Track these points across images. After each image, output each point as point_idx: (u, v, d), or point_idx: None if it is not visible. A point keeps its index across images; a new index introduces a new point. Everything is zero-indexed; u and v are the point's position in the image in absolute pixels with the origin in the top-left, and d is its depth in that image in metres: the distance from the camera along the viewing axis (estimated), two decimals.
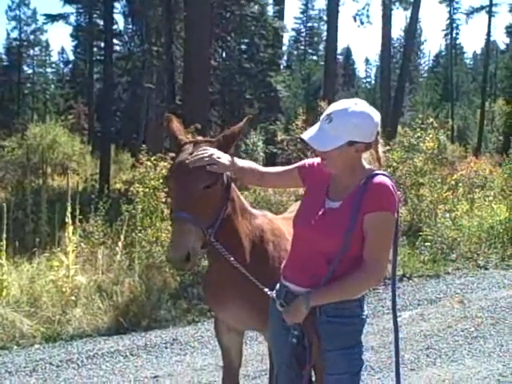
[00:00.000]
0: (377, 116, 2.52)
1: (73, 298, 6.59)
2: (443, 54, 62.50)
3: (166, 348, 5.76)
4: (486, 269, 8.64)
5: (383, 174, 2.53)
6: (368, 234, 2.45)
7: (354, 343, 2.58)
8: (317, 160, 2.72)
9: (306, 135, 2.51)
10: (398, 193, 2.55)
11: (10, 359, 5.58)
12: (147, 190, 8.35)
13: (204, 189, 2.70)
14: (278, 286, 2.74)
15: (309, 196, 2.72)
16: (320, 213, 2.56)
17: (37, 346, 5.92)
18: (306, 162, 2.80)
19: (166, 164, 8.60)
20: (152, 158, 8.67)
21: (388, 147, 10.70)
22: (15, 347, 5.89)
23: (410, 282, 7.98)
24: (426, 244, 8.96)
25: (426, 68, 68.51)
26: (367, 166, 2.58)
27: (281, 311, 2.63)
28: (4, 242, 6.88)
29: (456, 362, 5.20)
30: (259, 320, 2.95)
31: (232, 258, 2.79)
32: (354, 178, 2.53)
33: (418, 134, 10.97)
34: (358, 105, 2.49)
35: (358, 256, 2.47)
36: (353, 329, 2.58)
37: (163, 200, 8.41)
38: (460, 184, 11.57)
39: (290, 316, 2.55)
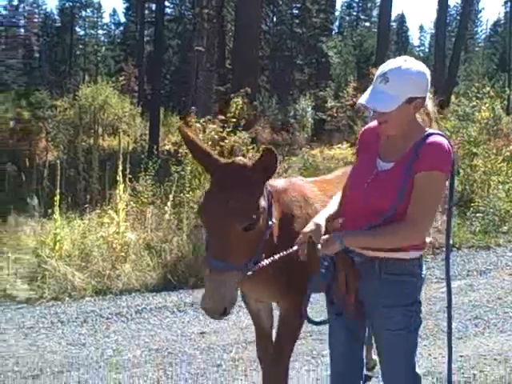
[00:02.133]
0: (427, 69, 2.52)
1: (122, 254, 6.74)
2: (501, 22, 60.25)
3: None
4: None
5: (438, 134, 2.50)
6: (416, 191, 2.42)
7: (413, 301, 2.57)
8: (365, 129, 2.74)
9: (364, 100, 2.47)
10: (455, 153, 2.50)
11: (63, 310, 5.76)
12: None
13: (244, 231, 2.43)
14: None
15: (360, 162, 2.71)
16: (372, 175, 2.54)
17: (87, 298, 6.10)
18: (357, 145, 2.80)
19: (215, 127, 8.62)
20: (201, 121, 8.68)
21: (441, 116, 10.46)
22: (67, 299, 6.08)
23: (460, 252, 7.85)
24: (478, 215, 8.78)
25: (483, 37, 66.29)
26: (421, 125, 2.56)
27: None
28: (57, 198, 7.05)
29: (505, 333, 5.11)
30: (282, 295, 2.98)
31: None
32: (409, 139, 2.50)
33: (474, 103, 10.67)
34: (408, 61, 2.49)
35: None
36: (412, 286, 2.57)
37: None
38: None
39: (324, 246, 2.52)
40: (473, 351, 4.71)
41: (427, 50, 64.36)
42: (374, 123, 2.71)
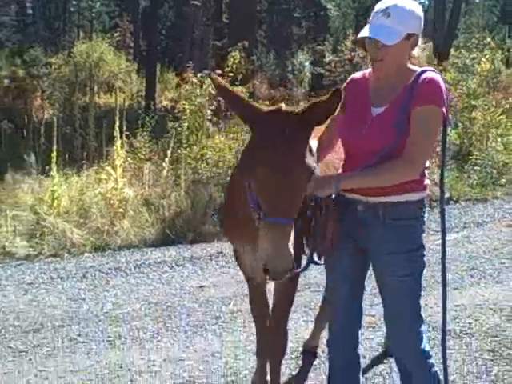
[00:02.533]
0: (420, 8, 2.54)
1: (121, 210, 6.75)
2: None
3: (211, 260, 5.89)
4: None
5: (432, 70, 2.53)
6: (413, 126, 2.43)
7: (418, 246, 2.59)
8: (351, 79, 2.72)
9: (365, 33, 2.47)
10: (447, 88, 2.52)
11: (62, 266, 5.81)
12: (193, 107, 8.32)
13: (307, 182, 2.28)
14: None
15: (350, 113, 2.61)
16: (369, 122, 2.53)
17: (87, 254, 6.14)
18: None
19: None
20: (198, 75, 8.59)
21: (441, 68, 10.34)
22: (66, 255, 6.12)
23: (457, 205, 7.88)
24: (476, 168, 8.78)
25: None
26: (412, 67, 2.56)
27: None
28: (55, 155, 7.03)
29: (501, 284, 5.16)
30: None
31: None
32: (402, 79, 2.51)
33: (474, 55, 10.55)
34: None
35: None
36: (416, 231, 2.59)
37: (209, 118, 8.40)
38: None
39: (316, 186, 2.42)
40: (469, 301, 4.76)
41: (427, 2, 63.33)
42: (358, 74, 2.73)
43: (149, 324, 4.47)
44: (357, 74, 2.74)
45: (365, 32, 2.48)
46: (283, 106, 2.29)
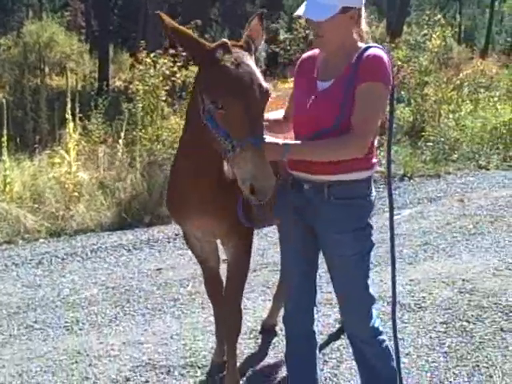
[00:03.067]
0: None
1: (75, 194, 6.65)
2: None
3: (169, 242, 5.87)
4: (487, 169, 8.67)
5: (377, 47, 2.51)
6: (358, 102, 2.42)
7: (364, 225, 2.60)
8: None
9: (300, 11, 2.47)
10: (395, 64, 2.54)
11: (16, 253, 5.70)
12: (147, 87, 8.22)
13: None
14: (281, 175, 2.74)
15: (298, 87, 2.68)
16: (313, 96, 2.54)
17: (41, 240, 6.04)
18: (294, 72, 2.77)
19: (165, 61, 8.43)
20: (151, 56, 8.47)
21: (393, 45, 10.45)
22: (20, 241, 6.01)
23: (411, 181, 8.02)
24: (428, 144, 8.94)
25: None
26: (359, 44, 2.55)
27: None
28: (5, 139, 6.86)
29: (453, 257, 5.30)
30: (228, 230, 2.89)
31: None
32: (346, 55, 2.50)
33: (425, 32, 10.68)
34: None
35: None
36: (362, 210, 2.60)
37: (163, 98, 8.31)
38: (465, 84, 11.37)
39: (267, 150, 2.36)
40: (422, 275, 4.87)
41: None
42: (309, 52, 2.73)
43: (107, 308, 4.44)
44: (308, 53, 2.75)
45: (300, 10, 2.48)
46: (225, 40, 2.41)
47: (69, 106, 7.11)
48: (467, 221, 6.31)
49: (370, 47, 2.49)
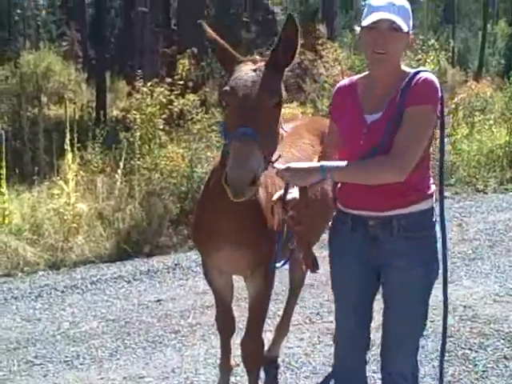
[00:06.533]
0: None
1: (74, 225, 6.64)
2: None
3: (169, 273, 5.86)
4: (485, 193, 8.70)
5: (427, 71, 2.48)
6: (404, 125, 2.37)
7: (433, 258, 2.56)
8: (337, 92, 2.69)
9: (382, 16, 2.38)
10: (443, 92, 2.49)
11: (16, 286, 5.68)
12: (144, 116, 8.26)
13: (274, 107, 2.45)
14: (334, 219, 2.73)
15: (343, 121, 2.60)
16: (364, 130, 2.47)
17: (41, 272, 6.02)
18: (330, 108, 2.74)
19: (162, 90, 8.49)
20: (148, 85, 8.53)
21: None
22: (19, 274, 5.99)
23: None
24: None
25: None
26: (405, 68, 2.52)
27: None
28: (4, 171, 6.88)
29: (453, 283, 5.28)
30: (253, 263, 2.90)
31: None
32: (396, 81, 2.45)
33: (419, 57, 10.77)
34: None
35: None
36: (431, 242, 2.55)
37: (161, 127, 8.35)
38: (460, 107, 11.44)
39: (303, 172, 2.39)
40: None
41: None
42: (345, 81, 2.68)
43: (107, 342, 4.42)
44: (343, 82, 2.69)
45: (377, 16, 2.38)
46: (257, 57, 2.68)
47: (67, 136, 7.14)
48: (466, 246, 6.31)
49: (420, 71, 2.45)
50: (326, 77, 13.80)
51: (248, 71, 2.48)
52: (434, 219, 2.57)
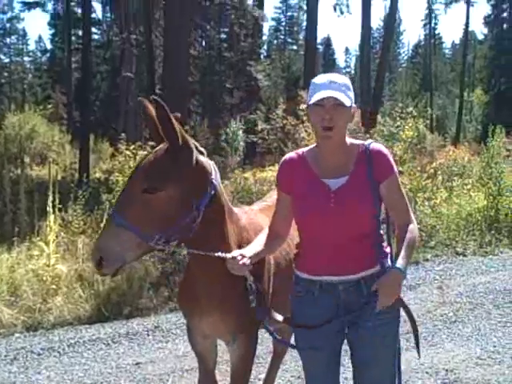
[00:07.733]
0: None
1: (53, 286, 6.56)
2: (422, 44, 62.60)
3: (148, 335, 5.77)
4: (465, 255, 8.77)
5: (376, 142, 2.71)
6: (393, 196, 2.60)
7: (398, 314, 2.78)
8: (285, 164, 2.73)
9: (323, 94, 2.48)
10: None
11: None
12: (127, 179, 8.30)
13: (143, 193, 2.50)
14: (296, 286, 2.72)
15: (300, 192, 2.63)
16: (332, 195, 2.54)
17: (17, 334, 5.90)
18: (278, 180, 2.74)
19: (145, 153, 8.56)
20: (131, 147, 8.63)
21: (368, 136, 10.77)
22: None
23: None
24: None
25: (406, 58, 68.76)
26: (349, 140, 2.65)
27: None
28: None
29: (435, 346, 5.28)
30: (236, 328, 2.89)
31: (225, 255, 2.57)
32: (346, 151, 2.60)
33: (398, 123, 11.06)
34: (336, 75, 2.62)
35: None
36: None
37: None
38: (439, 172, 11.69)
39: (390, 294, 2.46)
40: (405, 365, 4.78)
41: (353, 71, 66.16)
42: (290, 154, 2.73)
43: None
44: (290, 154, 2.73)
45: (321, 94, 2.49)
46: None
47: (50, 198, 7.14)
48: (447, 308, 6.32)
49: (371, 143, 2.64)
50: (307, 141, 14.06)
51: (149, 155, 2.66)
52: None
